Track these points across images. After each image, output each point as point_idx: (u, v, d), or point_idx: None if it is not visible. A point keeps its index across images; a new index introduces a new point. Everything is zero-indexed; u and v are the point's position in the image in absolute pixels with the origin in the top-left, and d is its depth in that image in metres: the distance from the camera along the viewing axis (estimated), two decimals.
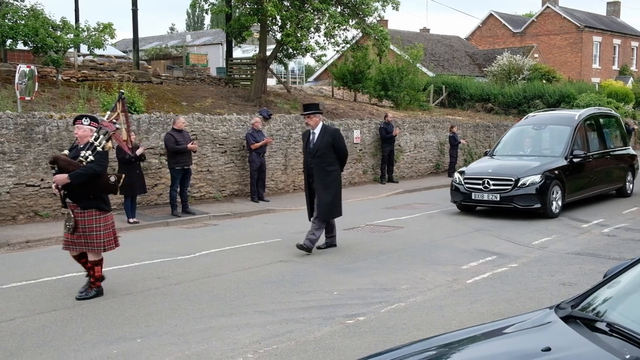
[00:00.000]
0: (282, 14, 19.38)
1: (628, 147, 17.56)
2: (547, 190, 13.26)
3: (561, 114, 17.02)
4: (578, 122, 14.99)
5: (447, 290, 7.98)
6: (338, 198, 10.40)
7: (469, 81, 34.28)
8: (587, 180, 14.95)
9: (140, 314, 7.09)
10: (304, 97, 24.32)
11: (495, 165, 14.39)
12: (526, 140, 15.64)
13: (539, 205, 13.20)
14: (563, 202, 13.79)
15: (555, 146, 14.83)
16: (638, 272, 3.20)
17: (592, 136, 15.73)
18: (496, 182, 13.53)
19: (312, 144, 10.25)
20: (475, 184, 13.80)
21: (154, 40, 49.48)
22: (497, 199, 13.45)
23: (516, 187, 13.28)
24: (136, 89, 16.38)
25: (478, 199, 13.74)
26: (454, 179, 14.53)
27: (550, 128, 15.65)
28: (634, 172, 17.24)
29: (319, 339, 6.25)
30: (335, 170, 10.32)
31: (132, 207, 13.09)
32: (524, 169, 13.64)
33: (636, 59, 54.62)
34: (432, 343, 3.18)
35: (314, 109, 10.42)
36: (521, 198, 13.25)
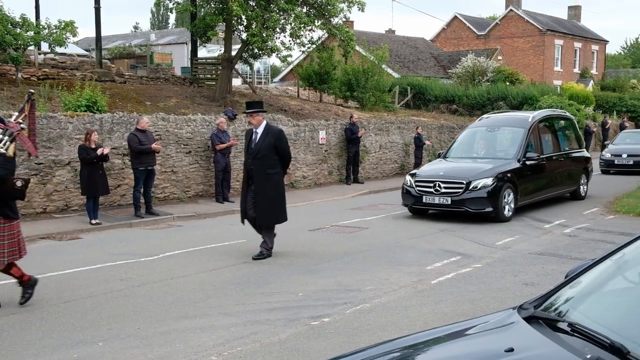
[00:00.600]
0: (247, 13, 19.28)
1: (582, 150, 17.41)
2: (499, 193, 13.04)
3: (515, 115, 16.88)
4: (532, 124, 14.81)
5: (412, 291, 8.01)
6: (280, 202, 9.96)
7: (433, 82, 34.58)
8: (540, 183, 14.80)
9: (102, 317, 6.97)
10: (270, 98, 24.25)
11: (447, 167, 14.15)
12: (480, 142, 15.36)
13: (490, 208, 12.98)
14: (516, 206, 13.60)
15: (509, 148, 14.62)
16: (598, 272, 3.24)
17: (546, 138, 15.56)
18: (447, 185, 13.28)
19: (254, 144, 9.75)
20: (427, 187, 13.52)
21: (117, 39, 48.83)
22: (448, 202, 13.20)
23: (467, 190, 13.04)
24: (99, 88, 16.14)
25: (429, 202, 13.48)
26: (405, 182, 14.19)
27: (503, 130, 15.42)
28: (588, 175, 17.15)
29: (283, 340, 6.22)
30: (277, 173, 9.87)
31: (95, 208, 12.89)
32: (476, 172, 13.38)
33: (596, 62, 55.72)
34: (397, 344, 3.17)
35: (257, 107, 9.98)
36: (473, 201, 13.03)
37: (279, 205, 9.93)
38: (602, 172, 23.86)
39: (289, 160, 10.17)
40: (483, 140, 15.35)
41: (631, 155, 23.73)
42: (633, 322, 2.80)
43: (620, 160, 23.83)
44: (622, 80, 50.76)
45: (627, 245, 3.27)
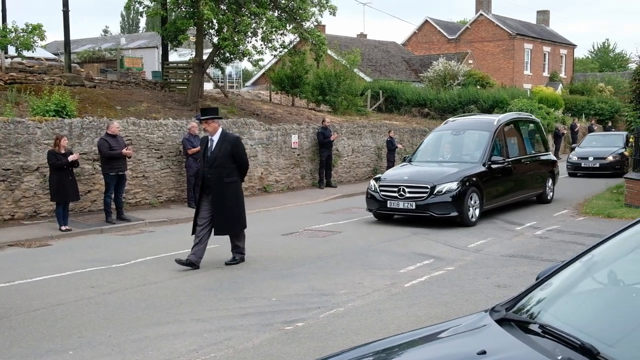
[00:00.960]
0: (218, 17, 19.20)
1: (549, 153, 17.40)
2: (463, 197, 12.91)
3: (480, 118, 16.73)
4: (497, 127, 14.70)
5: (385, 295, 8.03)
6: (239, 211, 9.70)
7: (405, 86, 34.79)
8: (506, 187, 14.70)
9: (72, 325, 6.87)
10: (242, 102, 24.17)
11: (411, 172, 13.98)
12: (445, 146, 15.17)
13: (455, 213, 12.84)
14: (481, 210, 13.49)
15: (474, 152, 14.47)
16: (568, 274, 3.27)
17: (511, 142, 15.48)
18: (412, 190, 13.10)
19: (210, 152, 9.47)
20: (391, 192, 13.33)
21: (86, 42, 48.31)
22: (412, 207, 13.03)
23: (432, 194, 12.89)
24: (68, 93, 15.93)
25: (394, 207, 13.28)
26: (370, 186, 14.00)
27: (469, 133, 15.25)
28: (554, 178, 17.13)
29: (257, 346, 6.19)
30: (235, 182, 9.61)
31: (64, 214, 12.71)
32: (440, 176, 13.26)
33: (565, 66, 56.51)
34: (371, 349, 3.17)
35: (212, 114, 9.76)
36: (437, 206, 12.87)
37: (238, 215, 9.68)
38: (569, 175, 23.98)
39: (246, 168, 9.94)
40: (449, 144, 15.17)
41: (597, 158, 23.83)
42: (603, 323, 2.83)
43: (587, 163, 23.94)
44: (590, 84, 51.58)
45: (596, 247, 3.30)
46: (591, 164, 23.84)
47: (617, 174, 22.67)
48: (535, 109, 33.33)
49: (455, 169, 13.56)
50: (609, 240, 3.30)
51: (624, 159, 23.12)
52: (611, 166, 23.46)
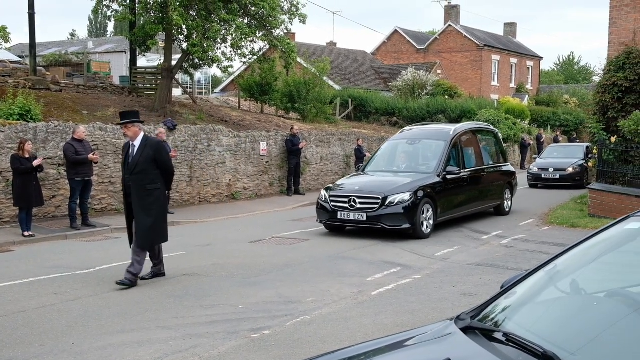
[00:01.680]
0: (188, 23, 19.12)
1: (507, 164, 17.12)
2: (416, 209, 12.48)
3: (436, 128, 16.37)
4: (453, 137, 14.29)
5: (353, 303, 8.04)
6: (161, 221, 9.07)
7: (374, 95, 34.99)
8: (462, 198, 14.32)
9: (34, 333, 6.74)
10: (211, 108, 24.07)
11: (363, 182, 13.59)
12: (401, 156, 14.77)
13: (407, 225, 12.41)
14: (435, 222, 13.12)
15: (429, 162, 14.12)
16: (532, 283, 3.31)
17: (468, 152, 15.09)
18: (363, 201, 12.65)
19: (131, 158, 8.86)
20: (342, 202, 12.85)
21: (53, 45, 47.67)
22: (363, 218, 12.58)
23: (384, 205, 12.44)
24: (33, 96, 15.71)
25: (344, 218, 12.83)
26: (320, 197, 13.49)
27: (424, 143, 14.80)
28: (513, 190, 16.86)
29: (223, 354, 6.14)
30: (158, 189, 8.94)
31: (28, 220, 12.50)
32: (392, 187, 12.81)
33: (531, 77, 57.43)
34: (337, 357, 3.17)
35: (132, 117, 9.02)
36: (389, 218, 12.44)
37: (160, 225, 9.05)
38: (529, 186, 24.04)
39: (171, 174, 9.32)
40: (404, 153, 14.80)
41: (557, 169, 23.84)
42: (565, 332, 2.88)
43: (547, 174, 23.92)
44: (555, 96, 52.48)
45: (559, 256, 3.35)
46: (551, 175, 23.84)
47: (577, 185, 22.89)
48: (502, 120, 33.85)
49: (408, 179, 13.15)
50: (571, 250, 3.35)
51: (584, 171, 23.42)
52: (571, 177, 23.52)
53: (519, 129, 35.41)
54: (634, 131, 15.03)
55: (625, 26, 16.95)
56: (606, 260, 3.32)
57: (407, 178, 13.28)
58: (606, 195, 15.18)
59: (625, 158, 15.76)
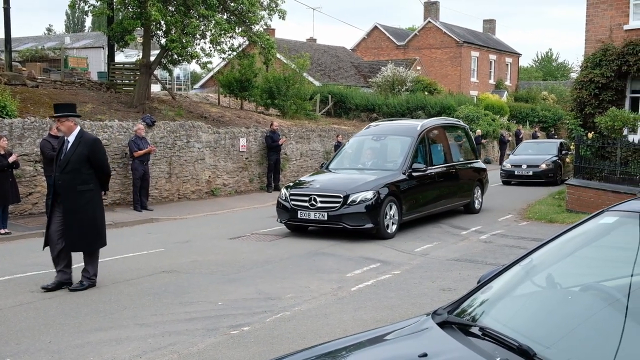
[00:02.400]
0: (166, 19, 18.98)
1: (477, 160, 16.68)
2: (379, 208, 12.00)
3: (403, 123, 15.91)
4: (420, 133, 13.81)
5: (332, 299, 8.05)
6: (96, 224, 8.43)
7: (354, 91, 35.04)
8: (429, 197, 13.86)
9: (10, 331, 6.67)
10: (190, 104, 23.94)
11: (325, 179, 13.08)
12: (366, 152, 14.29)
13: (370, 224, 11.95)
14: (400, 221, 12.68)
15: (394, 159, 13.65)
16: (509, 277, 3.33)
17: (437, 148, 14.67)
18: (324, 199, 12.14)
19: (63, 155, 8.27)
20: (302, 201, 12.34)
21: (29, 40, 47.12)
22: (324, 218, 12.08)
23: (345, 204, 11.95)
24: (8, 92, 15.50)
25: (304, 217, 12.31)
26: (280, 195, 12.99)
27: (390, 139, 14.33)
28: (483, 187, 16.44)
29: (202, 350, 6.12)
30: (91, 190, 8.34)
31: (4, 217, 12.35)
32: (355, 185, 12.30)
33: (510, 74, 57.86)
34: (316, 352, 3.17)
35: (68, 111, 8.35)
36: (351, 217, 11.95)
37: (94, 229, 8.42)
38: (503, 183, 23.80)
39: (107, 174, 8.70)
40: (369, 150, 14.31)
41: (530, 165, 23.53)
42: (540, 325, 2.90)
43: (520, 171, 23.67)
44: (534, 92, 52.99)
45: (535, 250, 3.38)
46: (524, 172, 23.58)
47: (551, 182, 22.86)
48: (481, 116, 34.08)
49: (372, 177, 12.64)
50: (547, 245, 3.38)
51: (558, 167, 23.46)
52: (544, 174, 23.34)
53: (498, 125, 35.68)
54: (610, 127, 15.23)
55: (602, 23, 17.13)
56: (581, 254, 3.35)
57: (371, 176, 12.77)
58: (583, 190, 15.35)
59: (602, 154, 15.95)
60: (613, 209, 3.32)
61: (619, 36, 16.70)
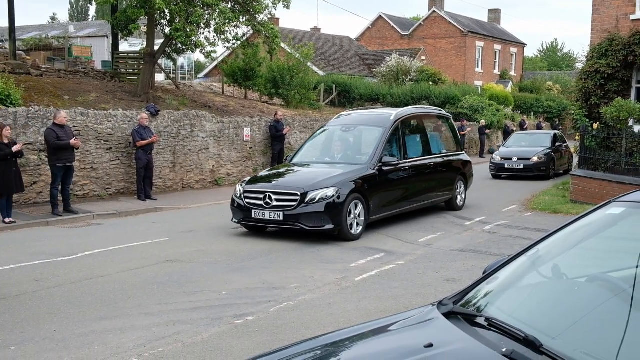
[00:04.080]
0: (170, 8, 18.93)
1: (461, 153, 15.44)
2: (342, 207, 10.83)
3: (376, 113, 14.43)
4: (393, 123, 12.67)
5: (336, 289, 8.05)
6: None
7: (358, 81, 34.96)
8: (401, 193, 12.65)
9: (14, 320, 6.69)
10: (194, 94, 23.91)
11: (283, 174, 12.10)
12: (335, 144, 13.11)
13: (331, 225, 10.78)
14: (367, 221, 11.55)
15: (363, 152, 12.53)
16: (514, 268, 3.32)
17: (413, 140, 13.51)
18: (280, 197, 11.00)
19: None
20: (256, 199, 11.22)
21: (33, 29, 47.07)
22: (280, 218, 10.92)
23: (303, 203, 10.79)
24: (13, 81, 15.50)
25: (259, 217, 11.14)
26: (235, 192, 11.85)
27: (360, 130, 13.21)
28: (467, 181, 15.20)
29: (206, 340, 6.13)
30: None
31: (8, 206, 12.36)
32: (314, 181, 11.14)
33: (515, 64, 57.64)
34: (320, 342, 3.16)
35: None
36: (309, 217, 10.78)
37: None
38: (492, 177, 22.38)
39: None
40: (339, 141, 13.15)
41: (522, 158, 22.04)
42: (546, 316, 2.89)
43: (511, 164, 22.13)
44: (539, 82, 52.80)
45: (541, 241, 3.36)
46: (515, 165, 22.06)
47: (543, 176, 21.68)
48: (486, 106, 33.97)
49: (335, 172, 11.52)
50: (553, 235, 3.36)
51: (551, 160, 22.23)
52: (536, 167, 21.89)
53: (502, 116, 35.59)
54: (615, 118, 15.15)
55: (608, 13, 17.03)
56: (587, 245, 3.33)
57: (335, 170, 11.69)
58: (588, 181, 15.31)
59: (607, 145, 15.90)
60: (620, 200, 3.30)
61: (626, 26, 16.60)
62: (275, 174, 12.25)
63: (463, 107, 33.34)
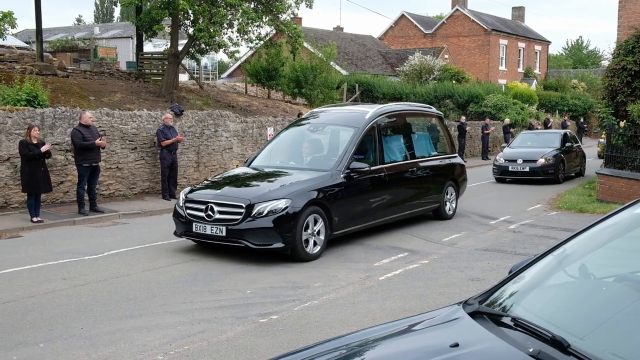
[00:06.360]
0: (194, 8, 19.05)
1: (453, 155, 13.83)
2: (295, 221, 9.29)
3: (350, 110, 12.50)
4: (368, 123, 11.15)
5: (360, 288, 8.05)
6: None
7: (381, 80, 34.88)
8: (375, 203, 11.00)
9: (43, 318, 6.79)
10: (217, 94, 24.04)
11: (233, 181, 10.54)
12: (302, 146, 11.48)
13: (280, 244, 9.25)
14: (329, 237, 9.97)
15: (329, 156, 10.94)
16: (541, 267, 3.30)
17: (392, 141, 12.00)
18: (222, 209, 9.46)
19: None
20: (197, 210, 9.71)
21: (59, 31, 47.64)
22: (222, 233, 9.37)
23: (249, 216, 9.25)
24: (40, 82, 15.71)
25: (200, 232, 9.61)
26: (177, 202, 10.37)
27: (330, 129, 11.66)
28: (458, 187, 13.64)
29: (231, 338, 6.17)
30: None
31: (36, 206, 12.53)
32: (263, 191, 9.62)
33: (539, 62, 57.10)
34: (344, 341, 3.17)
35: None
36: (255, 233, 9.24)
37: None
38: (496, 181, 20.67)
39: None
40: (307, 143, 11.55)
41: (527, 160, 20.26)
42: (574, 316, 2.87)
43: (515, 166, 20.32)
44: (563, 80, 52.25)
45: (568, 240, 3.34)
46: (520, 167, 20.26)
47: (550, 180, 20.04)
48: (510, 105, 33.71)
49: (291, 181, 10.01)
50: (580, 235, 3.33)
51: (559, 162, 20.45)
52: (543, 170, 20.08)
53: (526, 114, 35.28)
54: None
55: (635, 9, 16.80)
56: (615, 245, 3.30)
57: (291, 178, 10.14)
58: (615, 180, 15.12)
59: (634, 143, 15.67)
60: None
61: None
62: (226, 180, 10.61)
63: (487, 106, 33.11)
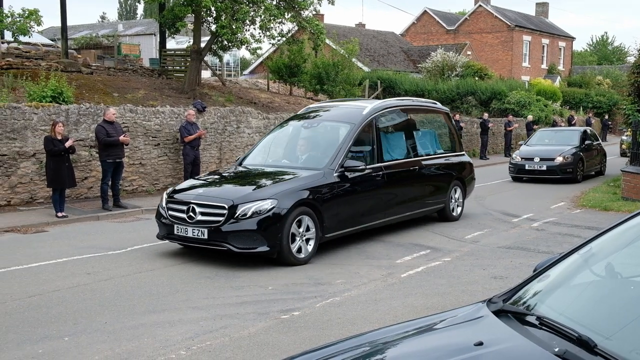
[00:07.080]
0: (216, 5, 19.12)
1: (461, 153, 13.33)
2: (282, 223, 8.78)
3: (348, 106, 11.93)
4: (365, 119, 10.63)
5: (382, 285, 8.04)
6: None
7: (403, 77, 34.76)
8: (372, 203, 10.46)
9: (67, 312, 6.86)
10: (239, 90, 24.11)
11: (217, 181, 10.11)
12: (296, 144, 11.01)
13: (265, 247, 8.74)
14: (321, 240, 9.44)
15: (323, 154, 10.30)
16: (566, 265, 3.27)
17: (393, 139, 11.44)
18: (204, 210, 8.96)
19: None
20: (179, 211, 9.22)
21: (84, 28, 48.06)
22: (204, 236, 8.87)
23: (232, 218, 8.75)
24: (65, 79, 15.87)
25: (181, 234, 9.12)
26: (160, 202, 9.84)
27: (325, 126, 11.15)
28: (465, 187, 13.06)
29: (253, 334, 6.19)
30: None
31: (61, 201, 12.67)
32: (247, 191, 9.14)
33: (563, 58, 56.51)
34: (367, 338, 3.17)
35: None
36: (238, 236, 8.75)
37: None
38: (512, 179, 20.13)
39: None
40: (302, 140, 11.03)
41: (544, 159, 19.64)
42: (600, 316, 2.83)
43: (532, 165, 19.71)
44: (588, 77, 51.65)
45: (594, 239, 3.30)
46: (537, 166, 19.63)
47: (569, 178, 19.28)
48: (533, 101, 33.42)
49: (278, 180, 9.54)
50: (606, 233, 3.29)
51: (578, 160, 19.67)
52: (560, 169, 19.35)
53: (550, 111, 34.94)
54: None
55: None
56: None
57: (281, 177, 9.68)
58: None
59: None
60: None
61: None
62: (210, 180, 10.17)
63: (510, 103, 32.85)
